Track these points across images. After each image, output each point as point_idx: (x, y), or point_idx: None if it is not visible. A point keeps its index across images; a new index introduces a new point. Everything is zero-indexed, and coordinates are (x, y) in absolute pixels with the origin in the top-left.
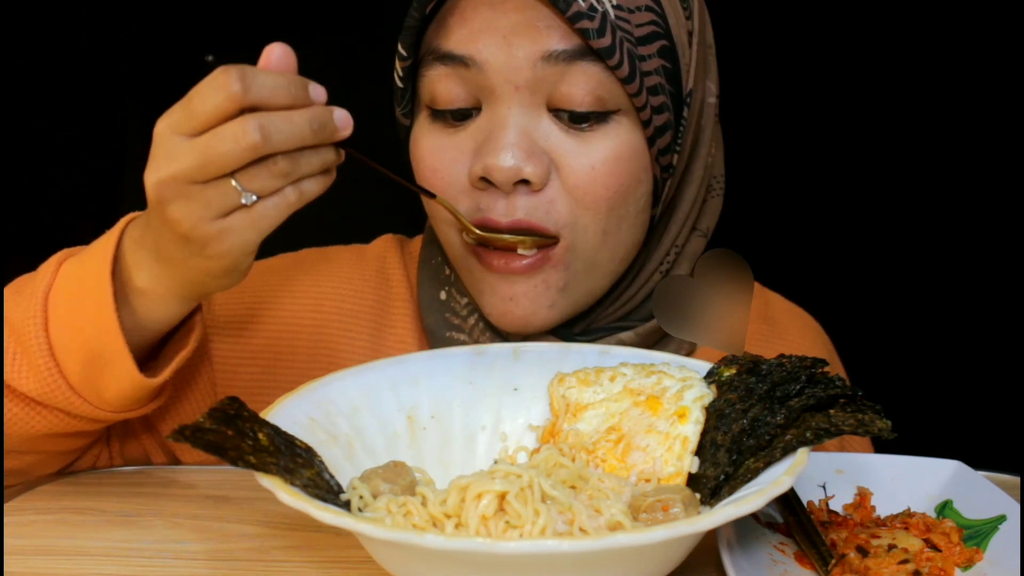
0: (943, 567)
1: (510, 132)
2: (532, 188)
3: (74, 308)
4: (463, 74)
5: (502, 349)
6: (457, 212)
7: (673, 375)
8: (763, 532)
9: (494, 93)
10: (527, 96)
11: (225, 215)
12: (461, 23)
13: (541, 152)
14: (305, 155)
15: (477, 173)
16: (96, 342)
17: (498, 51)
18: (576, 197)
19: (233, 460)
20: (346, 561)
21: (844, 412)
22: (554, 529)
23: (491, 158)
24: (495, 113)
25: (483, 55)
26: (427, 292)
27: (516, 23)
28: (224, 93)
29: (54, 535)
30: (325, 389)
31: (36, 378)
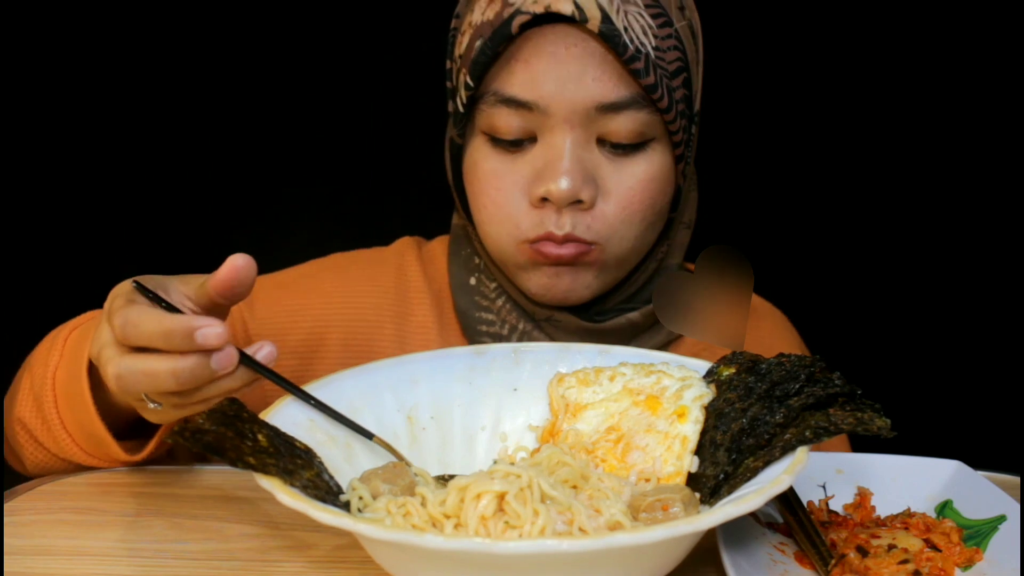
0: (943, 567)
1: (567, 161)
2: (582, 207)
3: (69, 392)
4: (523, 113)
5: (502, 349)
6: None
7: (672, 375)
8: (763, 532)
9: (552, 129)
10: (580, 132)
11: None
12: (525, 68)
13: (591, 177)
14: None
15: (539, 195)
16: (87, 424)
17: (559, 98)
18: (616, 212)
19: (232, 461)
20: (346, 561)
21: (843, 411)
22: (553, 529)
23: (552, 183)
24: (552, 144)
25: (545, 101)
26: (458, 278)
27: (575, 73)
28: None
29: (54, 535)
30: (325, 390)
31: (59, 445)
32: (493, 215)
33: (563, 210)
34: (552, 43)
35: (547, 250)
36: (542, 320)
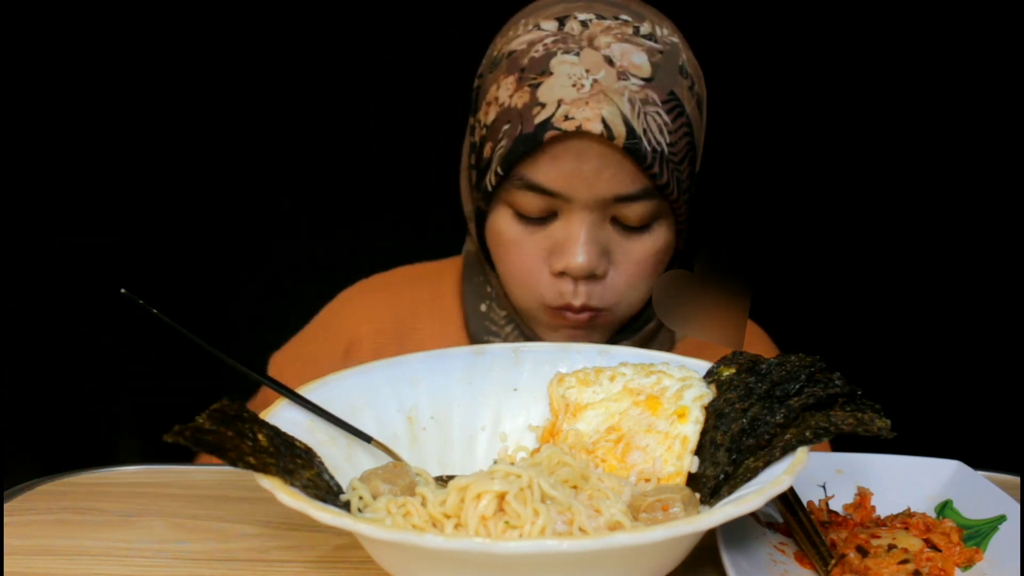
0: (943, 567)
1: (583, 240)
2: (596, 279)
3: None
4: (547, 198)
5: (502, 349)
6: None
7: (673, 375)
8: (763, 532)
9: (571, 212)
10: (597, 214)
11: None
12: (551, 162)
13: (604, 253)
14: None
15: (559, 268)
16: None
17: (580, 188)
18: (625, 281)
19: (232, 461)
20: (346, 561)
21: (843, 411)
22: (553, 529)
23: (571, 259)
24: (571, 224)
25: (569, 192)
26: (470, 304)
27: (596, 170)
28: None
29: (54, 535)
30: (325, 390)
31: None
32: (518, 280)
33: (579, 282)
34: (578, 143)
35: (567, 316)
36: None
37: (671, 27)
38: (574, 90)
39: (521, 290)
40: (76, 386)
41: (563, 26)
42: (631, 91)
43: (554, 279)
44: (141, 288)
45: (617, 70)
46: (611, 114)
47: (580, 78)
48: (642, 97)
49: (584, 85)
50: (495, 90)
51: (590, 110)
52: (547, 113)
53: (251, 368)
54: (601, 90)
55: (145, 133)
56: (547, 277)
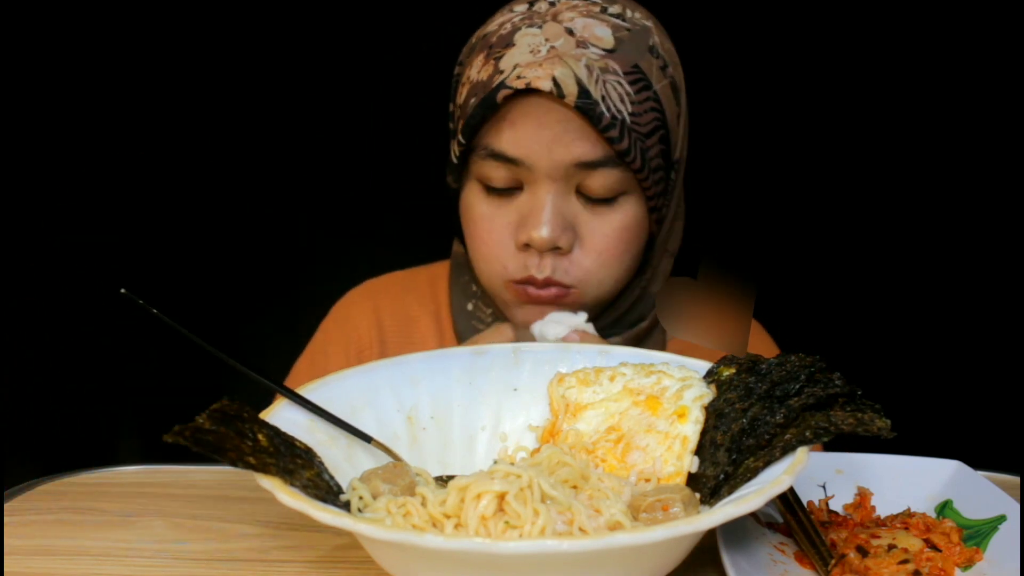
0: (943, 567)
1: (547, 211)
2: (561, 252)
3: None
4: (511, 167)
5: (502, 349)
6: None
7: (672, 375)
8: (763, 532)
9: (536, 182)
10: (561, 185)
11: None
12: (511, 129)
13: (570, 226)
14: None
15: (523, 240)
16: None
17: (541, 156)
18: (593, 258)
19: (233, 461)
20: (346, 561)
21: (843, 411)
22: (553, 529)
23: (534, 231)
24: (536, 195)
25: (530, 158)
26: (457, 304)
27: (556, 136)
28: None
29: (54, 535)
30: (325, 390)
31: None
32: (484, 255)
33: (544, 255)
34: (536, 108)
35: (530, 292)
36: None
37: (645, 13)
38: (531, 55)
39: (486, 265)
40: (76, 386)
41: (532, 6)
42: (590, 58)
43: (519, 253)
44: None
45: (577, 39)
46: (564, 75)
47: (539, 46)
48: (601, 65)
49: (541, 51)
50: (468, 71)
51: (542, 70)
52: (502, 77)
53: (250, 367)
54: (557, 55)
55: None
56: (512, 251)
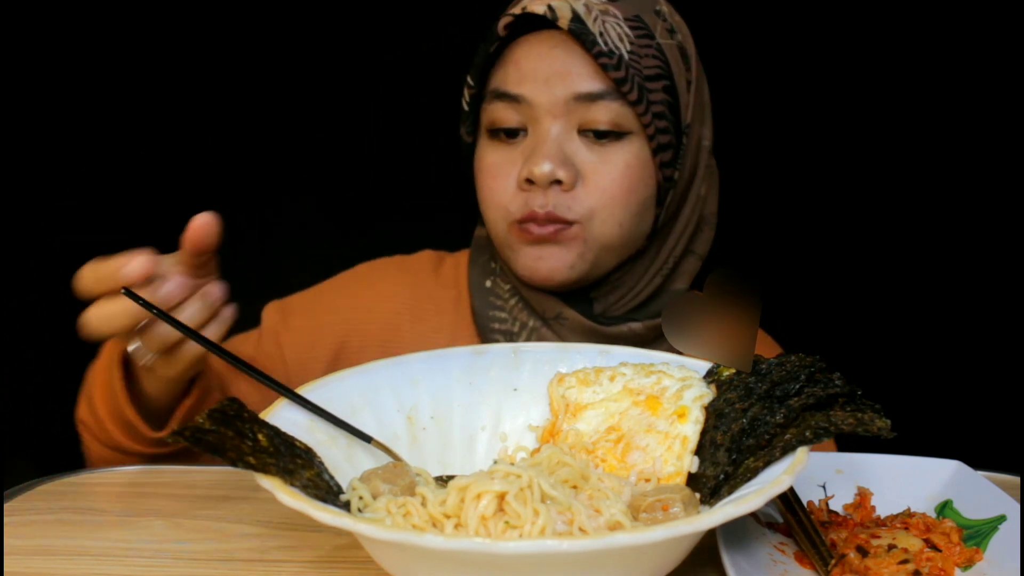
0: (943, 567)
1: (548, 146)
2: (563, 188)
3: (108, 385)
4: (515, 106)
5: (502, 349)
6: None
7: (673, 375)
8: (763, 532)
9: (538, 120)
10: (562, 121)
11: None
12: (516, 68)
13: (571, 162)
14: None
15: (524, 176)
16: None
17: (542, 92)
18: (595, 195)
19: (233, 461)
20: (346, 561)
21: (843, 411)
22: (553, 529)
23: (535, 166)
24: (537, 133)
25: (531, 95)
26: (476, 282)
27: (556, 69)
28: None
29: (54, 535)
30: (325, 390)
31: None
32: (490, 201)
33: (546, 191)
34: (538, 45)
35: (530, 229)
36: (551, 318)
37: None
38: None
39: (493, 211)
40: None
41: None
42: (589, 2)
43: (520, 192)
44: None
45: None
46: (560, 5)
47: None
48: (602, 8)
49: None
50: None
51: (541, 2)
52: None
53: (248, 366)
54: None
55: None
56: (514, 191)
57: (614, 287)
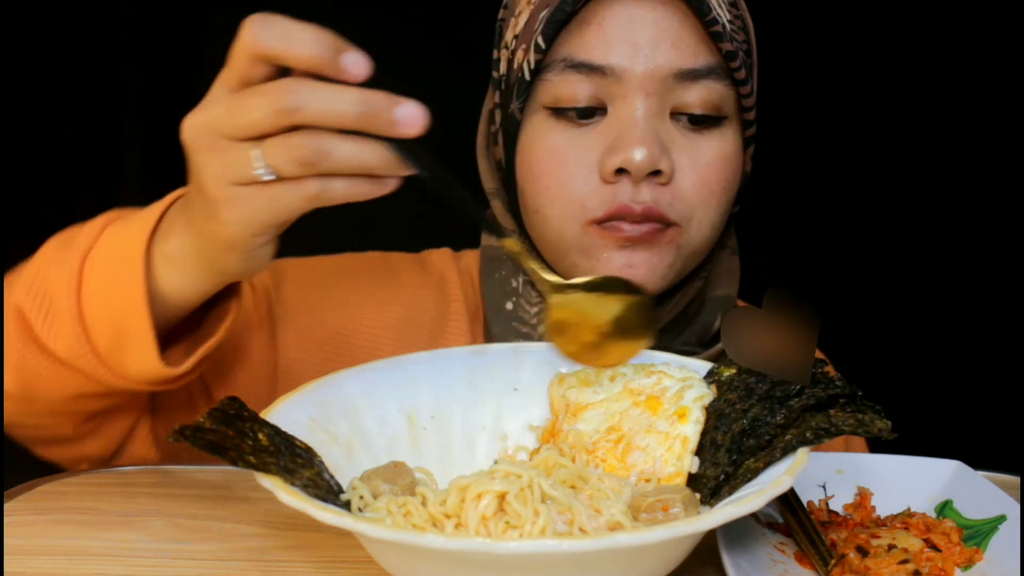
0: (943, 567)
1: (643, 129)
2: (660, 180)
3: (107, 277)
4: (595, 79)
5: (502, 349)
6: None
7: (673, 375)
8: (763, 532)
9: (625, 97)
10: (655, 101)
11: (240, 183)
12: (598, 31)
13: (667, 149)
14: (339, 147)
15: (614, 165)
16: (123, 316)
17: (637, 62)
18: (695, 191)
19: (233, 460)
20: (346, 561)
21: (844, 412)
22: (554, 529)
23: (627, 152)
24: (625, 113)
25: (622, 65)
26: (492, 304)
27: (653, 37)
28: (244, 47)
29: (54, 535)
30: (325, 389)
31: (64, 343)
32: (556, 195)
33: (639, 184)
34: (629, 6)
35: (623, 229)
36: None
37: None
38: None
39: (559, 207)
40: None
41: None
42: None
43: (604, 185)
44: None
45: None
46: None
47: None
48: None
49: None
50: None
51: None
52: None
53: None
54: None
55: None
56: (595, 184)
57: (661, 299)
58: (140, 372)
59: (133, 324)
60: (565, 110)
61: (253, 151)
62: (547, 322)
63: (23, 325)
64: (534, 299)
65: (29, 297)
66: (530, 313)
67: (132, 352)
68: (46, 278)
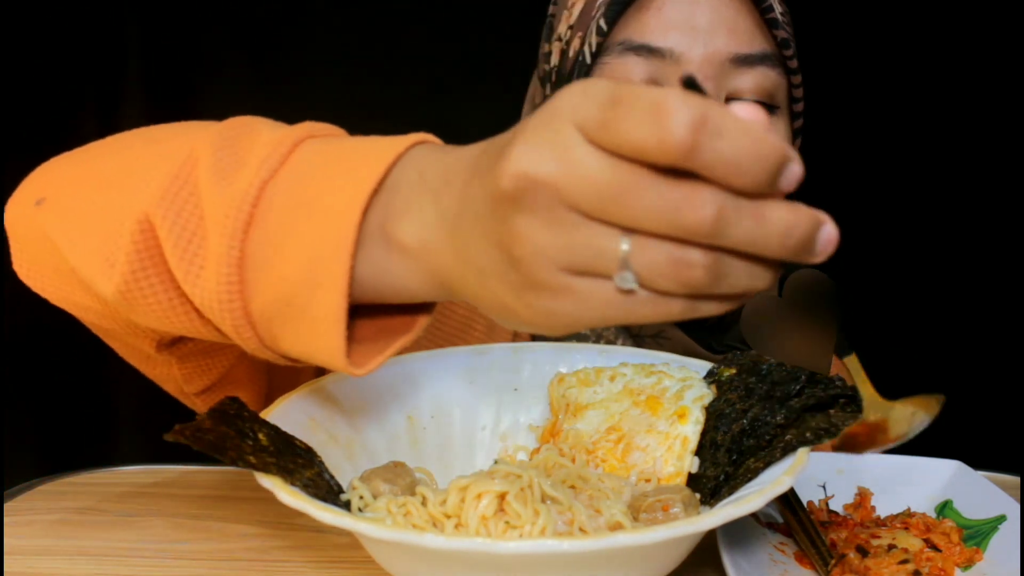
0: (943, 567)
1: None
2: None
3: (295, 222)
4: (654, 62)
5: (502, 349)
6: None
7: (673, 375)
8: (763, 532)
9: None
10: (711, 85)
11: (579, 274)
12: (657, 15)
13: None
14: (736, 268)
15: None
16: (306, 287)
17: (695, 46)
18: None
19: (233, 460)
20: (346, 561)
21: (844, 412)
22: (554, 529)
23: None
24: None
25: (681, 48)
26: None
27: (711, 22)
28: (662, 134)
29: (54, 535)
30: (325, 389)
31: (207, 289)
32: None
33: None
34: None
35: None
36: (648, 337)
37: None
38: None
39: None
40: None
41: None
42: None
43: None
44: None
45: None
46: None
47: None
48: None
49: None
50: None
51: None
52: None
53: None
54: None
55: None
56: None
57: None
58: (306, 356)
59: (318, 307)
60: None
61: (623, 246)
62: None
63: (148, 238)
64: None
65: (163, 209)
66: None
67: (302, 334)
68: (195, 195)
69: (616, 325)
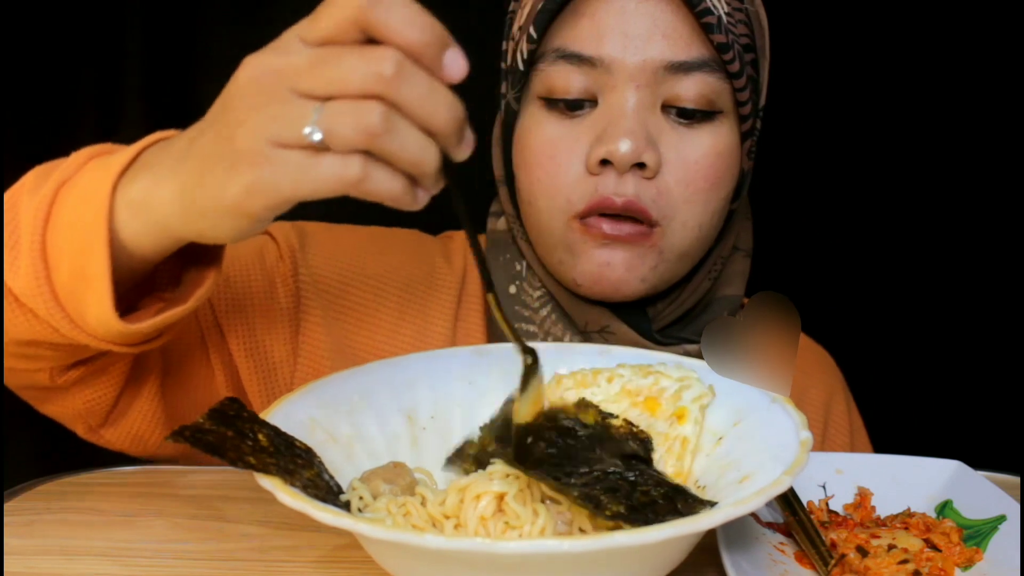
0: (943, 567)
1: (630, 120)
2: (645, 174)
3: (74, 215)
4: (586, 70)
5: (502, 349)
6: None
7: (671, 375)
8: (763, 532)
9: (615, 88)
10: (646, 93)
11: (280, 143)
12: (590, 23)
13: (655, 142)
14: (405, 130)
15: (599, 156)
16: (83, 257)
17: (626, 54)
18: (680, 188)
19: (233, 461)
20: (346, 561)
21: None
22: (553, 529)
23: (612, 143)
24: (615, 104)
25: (610, 58)
26: (497, 287)
27: (645, 30)
28: (346, 11)
29: (54, 535)
30: (325, 389)
31: (23, 279)
32: (545, 187)
33: (623, 176)
34: (620, 1)
35: (599, 226)
36: (593, 332)
37: None
38: None
39: (548, 201)
40: None
41: None
42: None
43: (589, 178)
44: None
45: None
46: None
47: None
48: None
49: None
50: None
51: None
52: None
53: None
54: None
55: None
56: (580, 176)
57: (666, 297)
58: (96, 322)
59: (91, 267)
60: (557, 101)
61: (312, 105)
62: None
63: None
64: (537, 283)
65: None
66: (533, 297)
67: (89, 298)
68: (17, 208)
69: (304, 193)
